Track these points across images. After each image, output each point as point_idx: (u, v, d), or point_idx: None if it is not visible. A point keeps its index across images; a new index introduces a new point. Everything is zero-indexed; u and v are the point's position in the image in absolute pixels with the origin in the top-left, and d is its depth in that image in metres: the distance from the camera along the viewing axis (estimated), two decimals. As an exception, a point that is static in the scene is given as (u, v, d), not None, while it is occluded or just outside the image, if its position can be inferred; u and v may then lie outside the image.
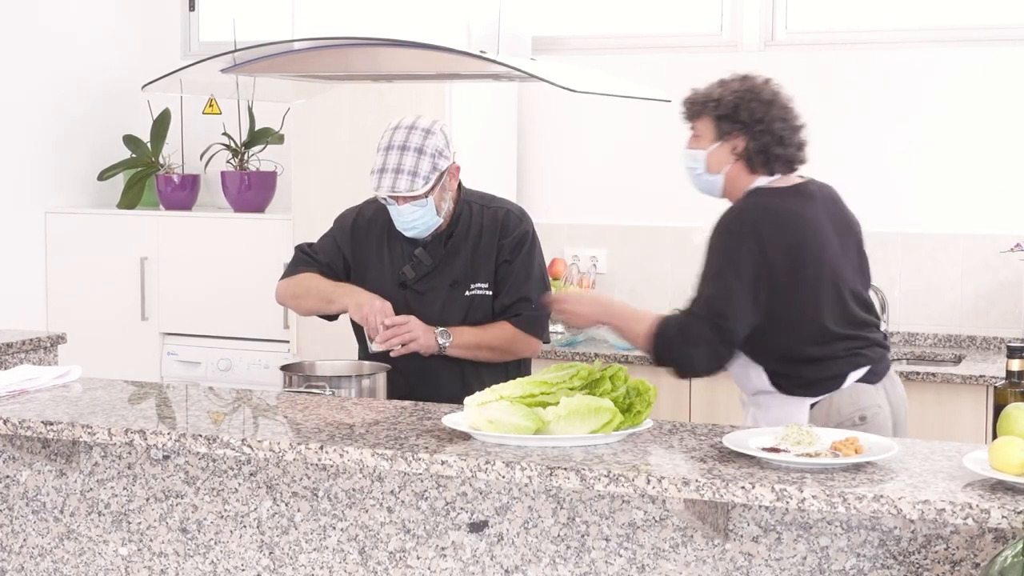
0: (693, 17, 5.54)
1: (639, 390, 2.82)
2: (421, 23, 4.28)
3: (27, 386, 3.30)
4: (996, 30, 5.10)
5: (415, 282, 3.71)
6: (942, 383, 4.51)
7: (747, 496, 2.42)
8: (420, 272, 3.71)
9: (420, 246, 3.70)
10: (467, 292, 3.70)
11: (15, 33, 5.69)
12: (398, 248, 3.73)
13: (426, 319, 3.63)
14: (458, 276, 3.70)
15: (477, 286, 3.70)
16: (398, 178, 3.56)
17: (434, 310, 3.67)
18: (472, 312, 3.70)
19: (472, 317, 3.69)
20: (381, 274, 3.74)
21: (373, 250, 3.77)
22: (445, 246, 3.71)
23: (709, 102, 3.45)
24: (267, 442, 2.79)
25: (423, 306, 3.68)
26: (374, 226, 3.79)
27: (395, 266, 3.73)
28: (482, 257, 3.71)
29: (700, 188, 3.51)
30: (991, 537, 2.47)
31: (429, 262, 3.70)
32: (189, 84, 4.16)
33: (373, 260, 3.76)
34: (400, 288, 3.71)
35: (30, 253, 5.83)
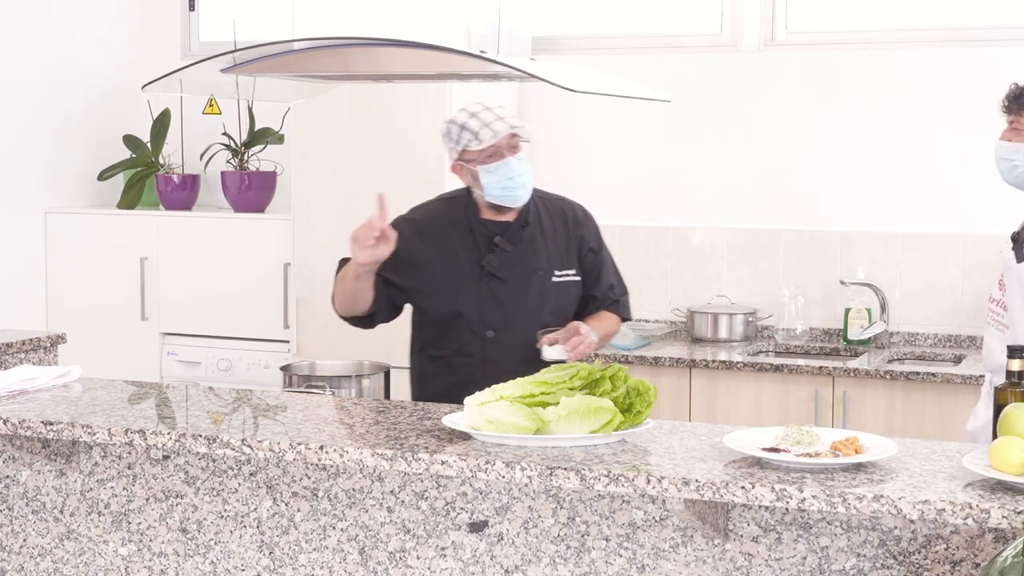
0: (693, 17, 5.54)
1: (639, 390, 2.81)
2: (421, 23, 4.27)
3: (27, 386, 3.30)
4: (996, 30, 5.10)
5: (499, 270, 3.66)
6: (942, 383, 4.52)
7: (747, 496, 2.42)
8: (503, 260, 3.66)
9: (497, 235, 3.67)
10: (554, 279, 3.70)
11: (15, 33, 5.69)
12: (471, 241, 3.69)
13: (515, 308, 3.65)
14: (541, 264, 3.69)
15: (565, 273, 3.72)
16: (506, 120, 3.59)
17: (526, 299, 3.67)
18: (562, 298, 3.72)
19: (562, 303, 3.72)
20: (458, 270, 3.68)
21: (445, 249, 3.69)
22: (522, 234, 3.69)
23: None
24: (267, 442, 2.79)
25: (510, 295, 3.66)
26: (437, 230, 3.73)
27: (473, 259, 3.67)
28: (561, 246, 3.73)
29: (1013, 181, 3.57)
30: (991, 537, 2.47)
31: (511, 248, 3.67)
32: (189, 84, 4.16)
33: (447, 258, 3.69)
34: (482, 279, 3.66)
35: (30, 253, 5.83)
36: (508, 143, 3.58)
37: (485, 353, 3.64)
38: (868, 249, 5.22)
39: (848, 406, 4.61)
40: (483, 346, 3.65)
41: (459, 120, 3.59)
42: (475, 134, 3.55)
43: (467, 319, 3.65)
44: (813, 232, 5.28)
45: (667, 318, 5.45)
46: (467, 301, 3.65)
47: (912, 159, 5.18)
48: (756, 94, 5.36)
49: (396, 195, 5.19)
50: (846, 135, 5.25)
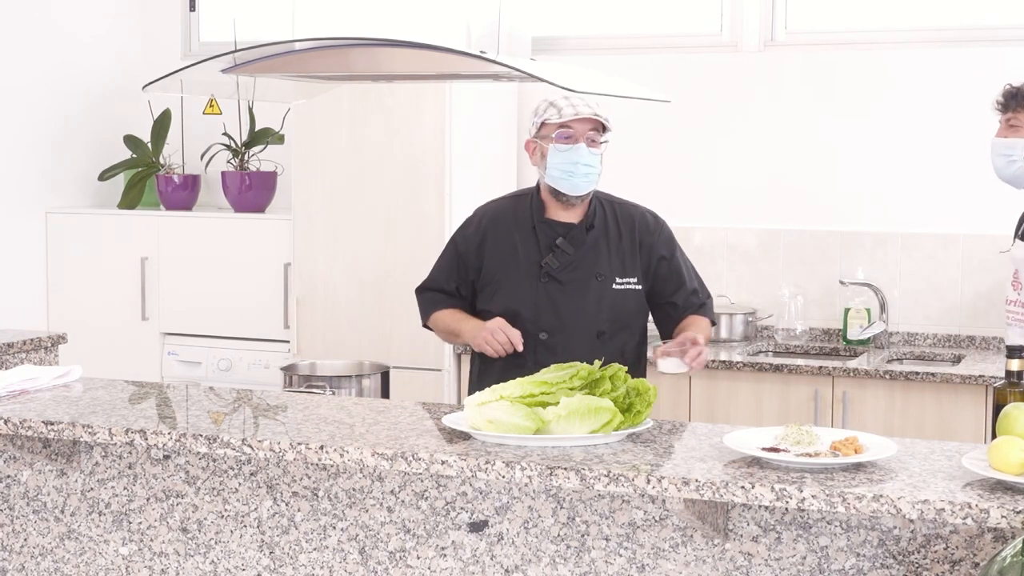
0: (693, 17, 5.55)
1: (639, 390, 2.82)
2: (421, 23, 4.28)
3: (27, 386, 3.30)
4: (996, 30, 5.11)
5: (558, 272, 3.60)
6: (942, 383, 4.52)
7: (747, 496, 2.42)
8: (563, 262, 3.60)
9: (561, 236, 3.61)
10: (615, 286, 3.61)
11: (16, 34, 5.69)
12: (534, 241, 3.63)
13: (572, 311, 3.59)
14: (602, 269, 3.61)
15: (626, 281, 3.63)
16: (596, 108, 3.57)
17: (583, 303, 3.59)
18: (623, 305, 3.62)
19: (620, 311, 3.62)
20: (518, 268, 3.63)
21: (507, 246, 3.66)
22: (585, 237, 3.62)
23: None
24: (267, 442, 2.79)
25: (567, 298, 3.60)
26: (501, 229, 3.68)
27: (533, 258, 3.62)
28: (625, 253, 3.64)
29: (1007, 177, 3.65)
30: (990, 537, 2.47)
31: (572, 251, 3.60)
32: (189, 84, 4.15)
33: (508, 256, 3.65)
34: (540, 280, 3.60)
35: (30, 253, 5.83)
36: (587, 133, 3.55)
37: (537, 355, 3.56)
38: (868, 249, 5.22)
39: (848, 406, 4.61)
40: (535, 348, 3.58)
41: (550, 98, 3.58)
42: (558, 109, 3.54)
43: (521, 319, 3.59)
44: (813, 232, 5.29)
45: (667, 318, 5.45)
46: (522, 300, 3.60)
47: (912, 159, 5.18)
48: (756, 94, 5.36)
49: (396, 195, 5.22)
50: (846, 135, 5.25)
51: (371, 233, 5.24)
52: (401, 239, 5.20)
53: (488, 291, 3.67)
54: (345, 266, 5.30)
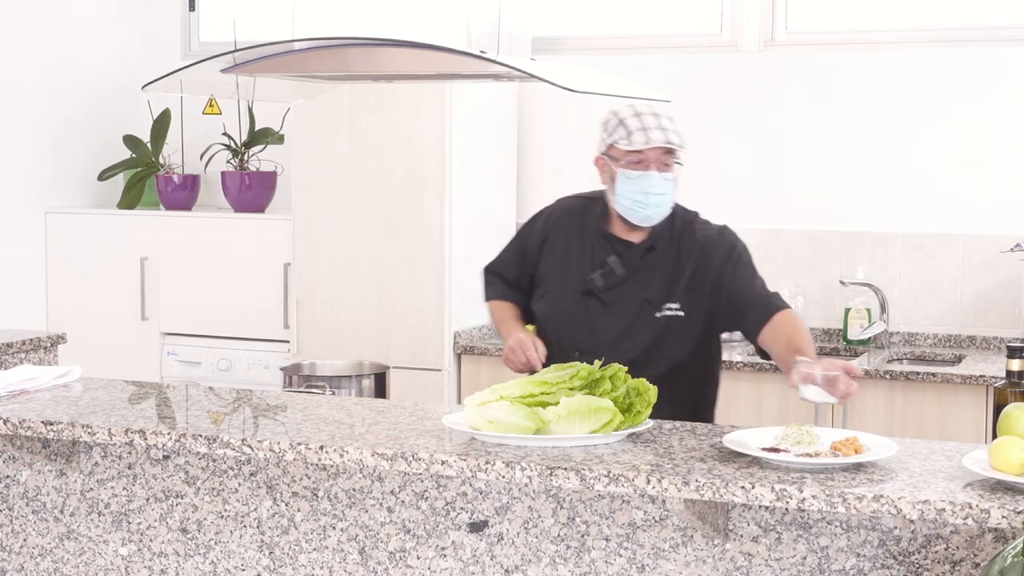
0: (693, 17, 5.54)
1: (639, 390, 2.82)
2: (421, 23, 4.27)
3: (27, 386, 3.30)
4: (996, 30, 5.10)
5: (603, 292, 3.39)
6: (942, 383, 4.52)
7: (747, 496, 2.42)
8: (610, 282, 3.39)
9: (614, 254, 3.40)
10: (658, 313, 3.36)
11: (15, 33, 5.69)
12: (590, 252, 3.43)
13: (606, 335, 3.38)
14: (652, 295, 3.36)
15: (669, 307, 3.37)
16: (667, 133, 3.29)
17: (620, 327, 3.37)
18: (665, 335, 3.36)
19: (661, 340, 3.36)
20: (567, 278, 3.45)
21: (563, 251, 3.48)
22: (642, 259, 3.39)
23: None
24: (267, 442, 2.79)
25: (607, 319, 3.38)
26: (563, 228, 3.50)
27: (582, 272, 3.42)
28: (680, 277, 3.38)
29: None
30: (991, 537, 2.47)
31: (621, 272, 3.38)
32: (189, 84, 4.15)
33: (561, 262, 3.48)
34: (583, 296, 3.41)
35: (30, 253, 5.83)
36: (659, 157, 3.30)
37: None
38: (868, 249, 5.22)
39: (848, 406, 4.61)
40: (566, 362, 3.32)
41: (621, 114, 3.35)
42: (628, 133, 3.30)
43: (558, 331, 3.44)
44: (813, 232, 5.28)
45: (667, 318, 5.45)
46: (562, 312, 3.45)
47: (912, 159, 5.17)
48: (756, 94, 5.36)
49: (396, 195, 5.22)
50: (846, 135, 5.25)
51: (371, 233, 5.24)
52: (401, 239, 5.19)
53: (539, 291, 3.53)
54: (345, 266, 5.29)
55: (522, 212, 5.66)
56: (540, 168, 5.67)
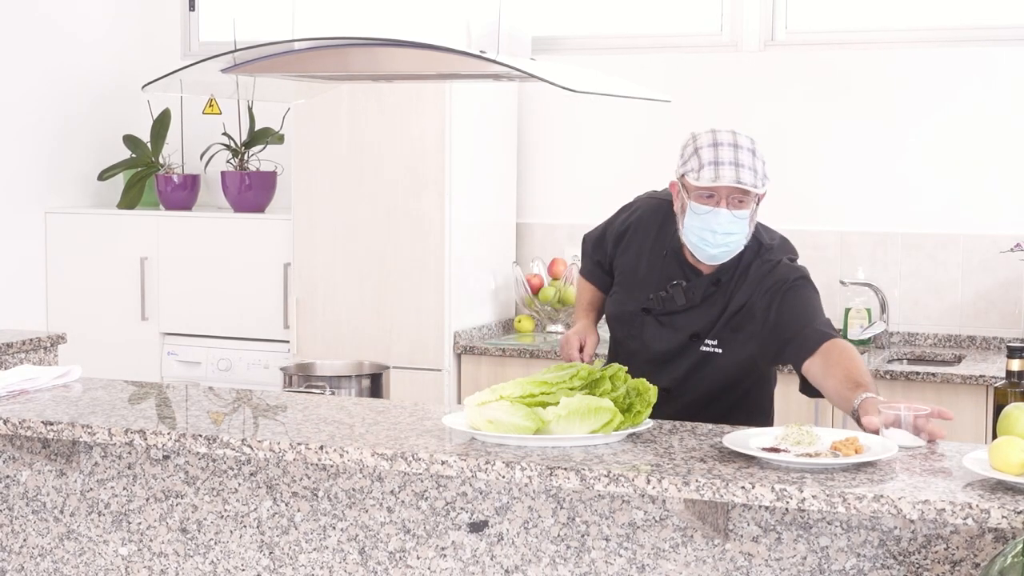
0: (693, 17, 5.54)
1: (639, 390, 2.81)
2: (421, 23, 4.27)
3: (27, 386, 3.30)
4: (996, 30, 5.10)
5: (659, 314, 3.32)
6: (942, 383, 4.51)
7: (747, 496, 2.42)
8: (666, 308, 3.31)
9: (682, 278, 3.29)
10: (702, 348, 3.29)
11: (15, 33, 5.69)
12: (658, 269, 3.34)
13: (652, 354, 3.32)
14: (701, 329, 3.28)
15: (711, 343, 3.28)
16: (740, 170, 3.09)
17: (666, 351, 3.31)
18: (692, 367, 3.30)
19: (691, 373, 3.30)
20: (632, 286, 3.38)
21: (633, 255, 3.41)
22: (704, 291, 3.28)
23: None
24: (267, 442, 2.79)
25: (656, 341, 3.33)
26: (647, 230, 3.41)
27: (648, 285, 3.34)
28: (730, 314, 3.26)
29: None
30: (991, 537, 2.47)
31: (682, 302, 3.29)
32: (189, 84, 4.15)
33: (630, 266, 3.41)
34: (643, 311, 3.34)
35: (30, 253, 5.83)
36: (731, 194, 3.12)
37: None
38: (868, 249, 5.22)
39: (848, 406, 4.60)
40: None
41: (698, 141, 3.17)
42: (700, 166, 3.12)
43: (615, 332, 3.42)
44: (813, 232, 5.28)
45: (667, 318, 5.45)
46: (620, 318, 3.39)
47: (912, 159, 5.17)
48: (756, 94, 5.36)
49: (396, 195, 5.22)
50: (846, 135, 5.24)
51: (371, 233, 5.24)
52: (401, 239, 5.19)
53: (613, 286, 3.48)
54: (345, 266, 5.29)
55: (522, 212, 5.67)
56: (540, 168, 5.67)
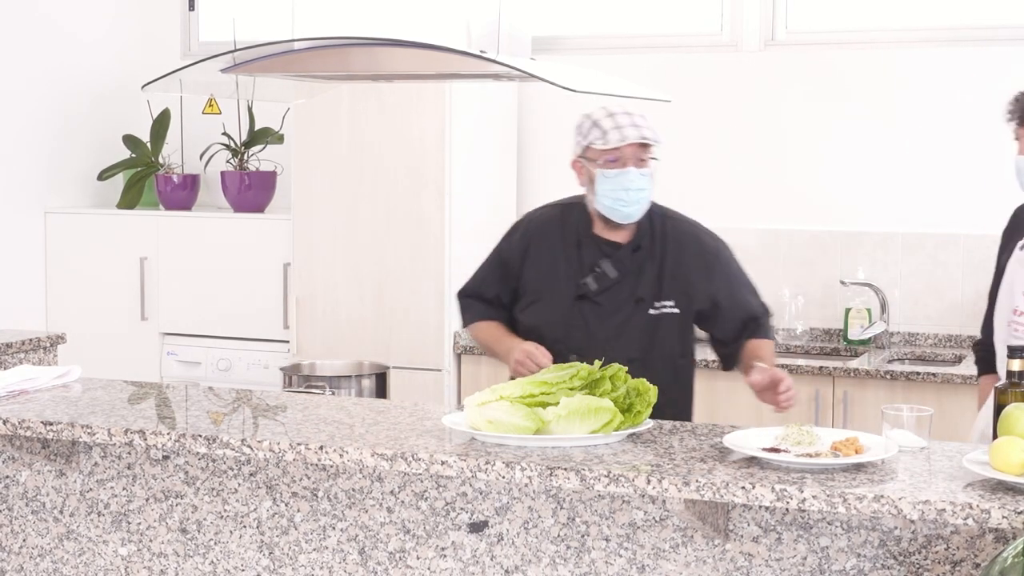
0: (693, 17, 5.54)
1: (639, 390, 2.81)
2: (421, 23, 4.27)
3: (27, 386, 3.30)
4: (996, 30, 5.10)
5: (596, 295, 3.44)
6: (942, 383, 4.51)
7: (747, 496, 2.42)
8: (603, 285, 3.44)
9: (605, 256, 3.45)
10: (651, 311, 3.43)
11: (15, 33, 5.69)
12: (577, 257, 3.48)
13: (602, 335, 3.42)
14: (644, 293, 3.44)
15: (663, 304, 3.44)
16: (641, 129, 3.37)
17: (615, 326, 3.43)
18: (659, 332, 3.44)
19: (656, 337, 3.44)
20: (557, 284, 3.48)
21: (549, 259, 3.52)
22: (631, 259, 3.46)
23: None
24: (267, 442, 2.78)
25: (601, 321, 3.44)
26: (547, 236, 3.54)
27: (574, 277, 3.47)
28: (669, 275, 3.45)
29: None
30: (991, 537, 2.47)
31: (614, 275, 3.44)
32: (189, 84, 4.15)
33: (549, 269, 3.51)
34: (577, 300, 3.46)
35: (30, 253, 5.83)
36: (635, 154, 3.38)
37: None
38: (868, 249, 5.21)
39: (848, 406, 4.61)
40: None
41: (594, 116, 3.41)
42: (604, 133, 3.36)
43: (552, 336, 3.45)
44: (813, 232, 5.28)
45: (667, 318, 5.45)
46: (556, 318, 3.47)
47: (912, 159, 5.17)
48: (756, 94, 5.36)
49: (396, 195, 5.22)
50: (846, 135, 5.24)
51: (371, 233, 5.24)
52: (401, 239, 5.19)
53: (525, 301, 3.55)
54: (345, 266, 5.29)
55: (522, 212, 5.65)
56: (540, 168, 5.67)
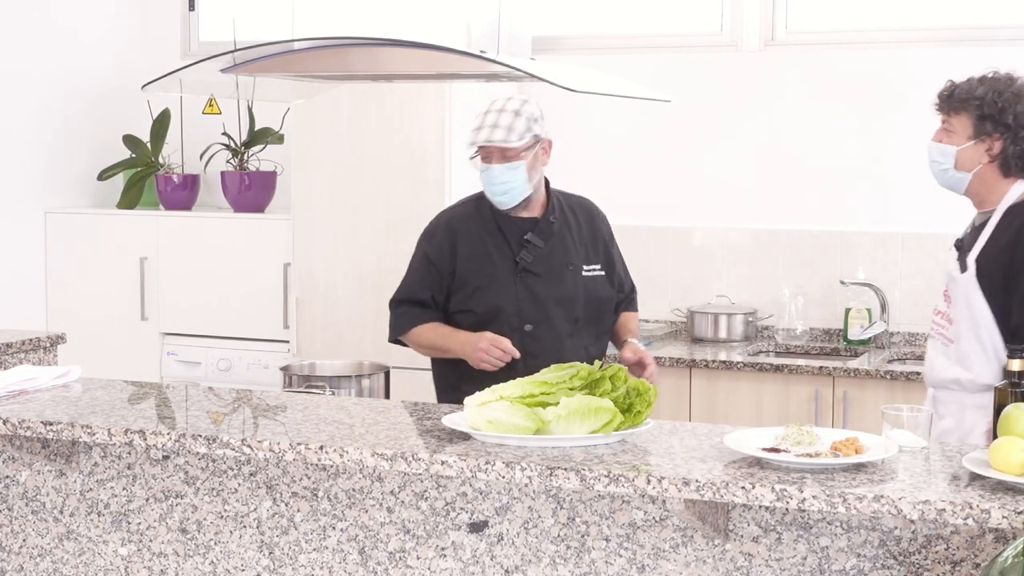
0: (693, 17, 5.54)
1: (639, 390, 2.81)
2: (421, 23, 4.27)
3: (27, 386, 3.30)
4: (995, 30, 5.10)
5: (533, 264, 3.74)
6: (942, 383, 4.51)
7: (747, 496, 2.42)
8: (536, 255, 3.74)
9: (529, 231, 3.74)
10: (585, 273, 3.79)
11: (15, 33, 5.69)
12: (503, 239, 3.75)
13: (551, 301, 3.73)
14: (573, 258, 3.78)
15: (591, 268, 3.81)
16: (494, 131, 3.61)
17: (555, 292, 3.74)
18: (592, 292, 3.80)
19: (593, 297, 3.80)
20: (494, 267, 3.74)
21: (479, 247, 3.76)
22: (551, 230, 3.76)
23: (971, 99, 3.34)
24: (267, 442, 2.78)
25: (545, 288, 3.74)
26: (469, 229, 3.78)
27: (507, 255, 3.74)
28: (587, 241, 3.82)
29: (943, 183, 3.43)
30: (991, 537, 2.47)
31: (542, 244, 3.74)
32: (189, 84, 4.16)
33: (481, 256, 3.75)
34: (518, 275, 3.73)
35: (30, 253, 5.83)
36: (500, 151, 3.62)
37: (524, 347, 3.67)
38: (868, 249, 5.21)
39: (848, 406, 4.61)
40: (522, 340, 3.68)
41: (483, 108, 3.67)
42: (475, 130, 3.64)
43: (505, 314, 3.70)
44: (813, 232, 5.28)
45: (667, 318, 5.45)
46: (504, 297, 3.70)
47: (912, 159, 5.15)
48: (756, 94, 5.36)
49: (396, 195, 5.22)
50: (846, 135, 5.24)
51: (371, 233, 5.24)
52: (401, 239, 5.18)
53: (464, 293, 3.74)
54: (345, 266, 5.29)
55: (522, 212, 5.67)
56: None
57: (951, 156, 3.36)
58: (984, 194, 3.37)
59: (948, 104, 3.41)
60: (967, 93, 3.37)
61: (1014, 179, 3.34)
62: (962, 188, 3.40)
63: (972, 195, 3.42)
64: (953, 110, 3.38)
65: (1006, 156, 3.31)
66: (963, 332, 3.35)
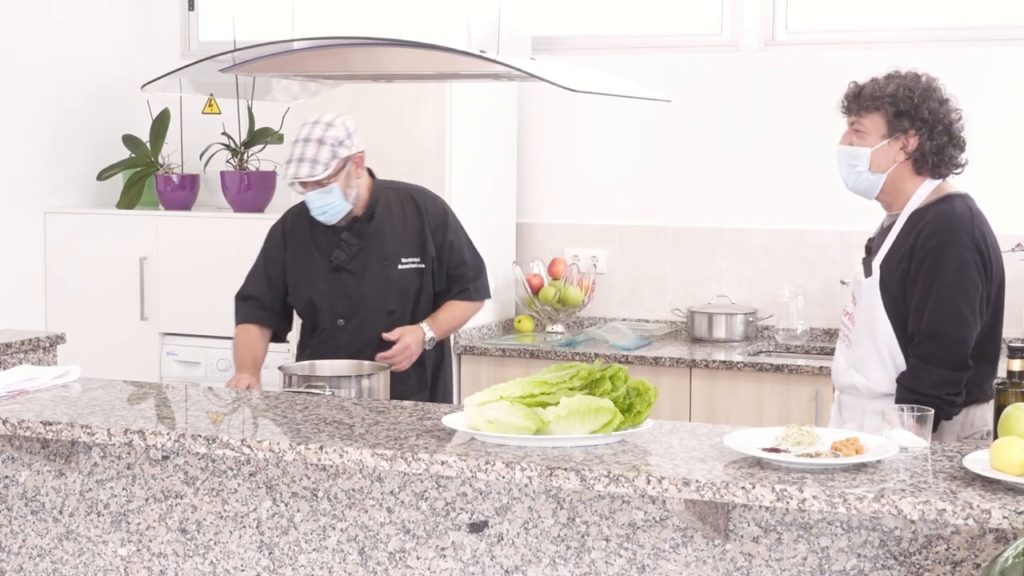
0: (693, 17, 5.54)
1: (639, 390, 2.81)
2: (421, 23, 4.28)
3: (26, 386, 3.29)
4: (996, 30, 5.10)
5: (347, 263, 4.01)
6: (942, 383, 4.50)
7: (747, 496, 2.42)
8: (350, 253, 4.00)
9: (345, 230, 3.98)
10: (400, 266, 4.02)
11: (15, 33, 5.68)
12: (323, 238, 4.01)
13: (362, 296, 4.00)
14: (387, 253, 4.01)
15: (408, 260, 4.03)
16: (300, 166, 3.83)
17: (367, 287, 4.00)
18: (405, 284, 4.03)
19: (408, 289, 4.03)
20: (314, 265, 4.03)
21: (301, 247, 4.05)
22: (368, 227, 4.00)
23: (884, 97, 3.29)
24: (267, 442, 2.78)
25: (357, 285, 4.01)
26: (298, 227, 4.06)
27: (325, 254, 4.01)
28: (407, 234, 4.03)
29: (855, 187, 3.36)
30: (992, 537, 2.47)
31: (356, 243, 3.99)
32: (188, 83, 4.16)
33: (303, 255, 4.04)
34: (335, 272, 4.01)
35: (30, 253, 5.82)
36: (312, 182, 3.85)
37: (337, 339, 4.02)
38: (868, 249, 5.21)
39: (848, 406, 4.60)
40: (335, 333, 4.02)
41: (294, 137, 3.88)
42: (285, 164, 3.88)
43: (320, 310, 4.04)
44: (813, 232, 5.28)
45: (667, 318, 5.45)
46: (319, 293, 4.02)
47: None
48: (756, 94, 5.36)
49: (396, 195, 5.20)
50: (846, 135, 5.24)
51: (371, 233, 5.23)
52: (401, 239, 5.18)
53: (292, 287, 4.07)
54: (344, 266, 5.28)
55: (522, 212, 5.67)
56: (540, 168, 5.67)
57: (865, 158, 3.30)
58: (894, 195, 3.32)
59: (858, 104, 3.34)
60: (878, 91, 3.32)
61: (924, 178, 3.29)
62: (875, 191, 3.34)
63: (883, 197, 3.35)
64: (864, 110, 3.32)
65: (923, 152, 3.26)
66: (863, 337, 3.31)
